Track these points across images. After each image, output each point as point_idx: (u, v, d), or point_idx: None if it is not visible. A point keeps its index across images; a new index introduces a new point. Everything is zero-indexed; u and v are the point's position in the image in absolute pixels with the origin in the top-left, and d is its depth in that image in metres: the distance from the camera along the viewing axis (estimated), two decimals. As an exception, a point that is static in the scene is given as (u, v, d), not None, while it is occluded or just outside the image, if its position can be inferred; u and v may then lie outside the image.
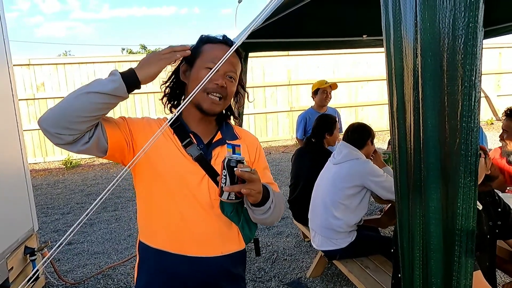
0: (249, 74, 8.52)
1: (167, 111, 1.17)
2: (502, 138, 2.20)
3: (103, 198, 0.89)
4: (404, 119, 0.71)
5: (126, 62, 7.92)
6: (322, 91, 3.57)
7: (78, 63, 7.63)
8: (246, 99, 1.26)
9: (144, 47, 23.30)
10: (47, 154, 7.61)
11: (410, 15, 0.66)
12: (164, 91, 1.17)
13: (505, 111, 2.23)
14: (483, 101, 10.12)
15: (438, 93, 0.60)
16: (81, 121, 0.89)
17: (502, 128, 2.23)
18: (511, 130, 2.09)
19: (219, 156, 1.09)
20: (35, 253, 2.45)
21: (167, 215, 1.06)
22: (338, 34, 3.13)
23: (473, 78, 0.58)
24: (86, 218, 0.92)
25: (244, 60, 2.93)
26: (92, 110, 0.89)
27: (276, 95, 8.82)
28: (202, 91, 1.01)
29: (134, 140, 1.05)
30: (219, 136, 1.13)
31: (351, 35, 3.16)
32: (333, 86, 3.56)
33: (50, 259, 2.53)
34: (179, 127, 1.10)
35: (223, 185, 0.94)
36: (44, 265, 2.67)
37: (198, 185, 1.06)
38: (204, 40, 1.10)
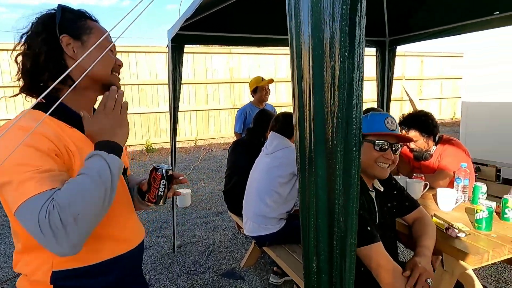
0: (191, 70, 8.42)
1: None
2: (409, 147, 2.36)
3: None
4: (303, 113, 0.79)
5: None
6: (261, 89, 3.66)
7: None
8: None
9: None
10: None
11: (306, 27, 0.74)
12: (24, 79, 0.96)
13: (403, 122, 2.32)
14: (408, 104, 11.14)
15: (322, 94, 0.69)
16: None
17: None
18: (417, 138, 2.28)
19: None
20: None
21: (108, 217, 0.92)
22: (275, 32, 3.23)
23: (347, 85, 0.67)
24: None
25: (180, 53, 2.93)
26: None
27: (219, 92, 8.83)
28: (108, 71, 1.00)
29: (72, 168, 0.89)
30: None
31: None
32: (269, 81, 3.67)
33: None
34: (70, 116, 0.95)
35: (161, 193, 1.04)
36: None
37: None
38: (85, 16, 0.99)
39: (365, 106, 1.96)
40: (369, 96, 8.74)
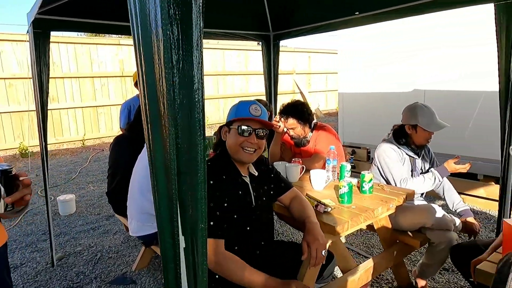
0: (73, 62, 7.56)
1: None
2: (289, 135, 2.54)
3: None
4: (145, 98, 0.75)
5: None
6: None
7: None
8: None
9: None
10: None
11: (137, 4, 0.69)
12: None
13: (282, 111, 2.46)
14: (299, 97, 12.04)
15: (153, 76, 0.66)
16: None
17: (288, 128, 2.49)
18: (295, 125, 2.45)
19: None
20: None
21: None
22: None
23: (186, 69, 0.66)
24: None
25: (45, 41, 2.57)
26: None
27: (108, 87, 8.13)
28: None
29: None
30: None
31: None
32: None
33: None
34: None
35: None
36: None
37: None
38: None
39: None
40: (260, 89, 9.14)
